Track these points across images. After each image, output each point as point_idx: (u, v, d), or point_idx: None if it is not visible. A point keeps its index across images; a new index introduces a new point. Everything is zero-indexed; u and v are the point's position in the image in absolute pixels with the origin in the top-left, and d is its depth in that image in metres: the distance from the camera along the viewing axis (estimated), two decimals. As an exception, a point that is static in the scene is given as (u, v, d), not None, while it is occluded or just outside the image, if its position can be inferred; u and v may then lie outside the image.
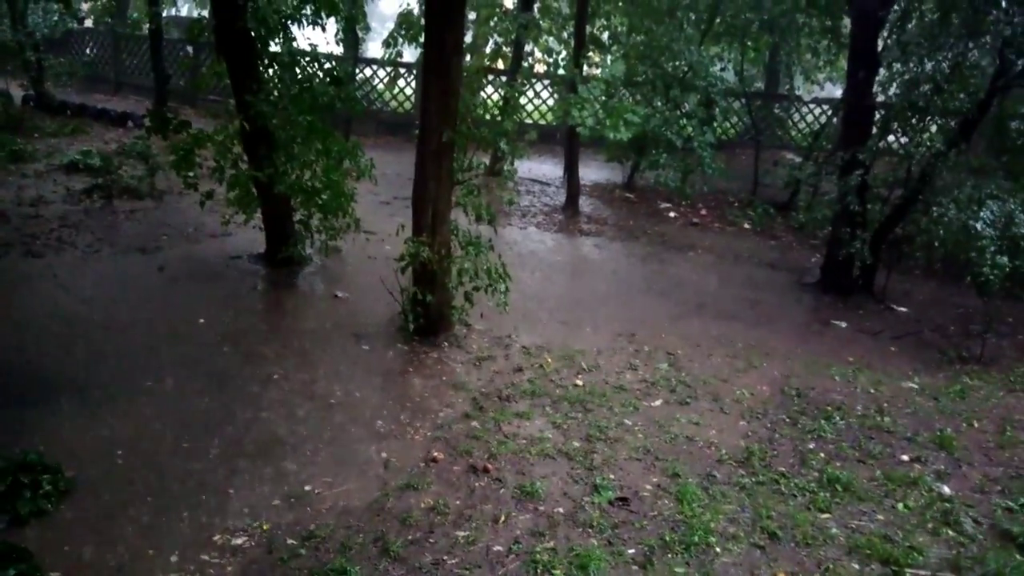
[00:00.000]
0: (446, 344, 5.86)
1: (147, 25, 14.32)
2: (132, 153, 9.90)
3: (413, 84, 16.67)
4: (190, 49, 15.45)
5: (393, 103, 17.10)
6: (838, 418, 5.11)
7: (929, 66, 7.71)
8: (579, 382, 5.43)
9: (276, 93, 7.00)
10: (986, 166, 7.68)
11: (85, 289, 6.39)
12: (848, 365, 6.28)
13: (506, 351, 5.90)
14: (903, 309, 8.01)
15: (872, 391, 5.68)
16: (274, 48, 7.15)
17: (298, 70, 7.25)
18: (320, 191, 7.01)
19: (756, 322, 7.24)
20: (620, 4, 12.73)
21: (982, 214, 6.01)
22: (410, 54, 14.03)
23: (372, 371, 5.37)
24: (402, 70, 16.62)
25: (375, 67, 16.74)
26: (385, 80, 16.85)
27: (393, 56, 11.88)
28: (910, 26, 8.76)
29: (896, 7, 8.91)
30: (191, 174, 7.07)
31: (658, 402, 5.22)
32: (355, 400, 4.86)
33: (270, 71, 7.11)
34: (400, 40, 11.49)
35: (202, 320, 5.91)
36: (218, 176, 6.97)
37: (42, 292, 6.23)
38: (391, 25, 12.29)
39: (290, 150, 6.94)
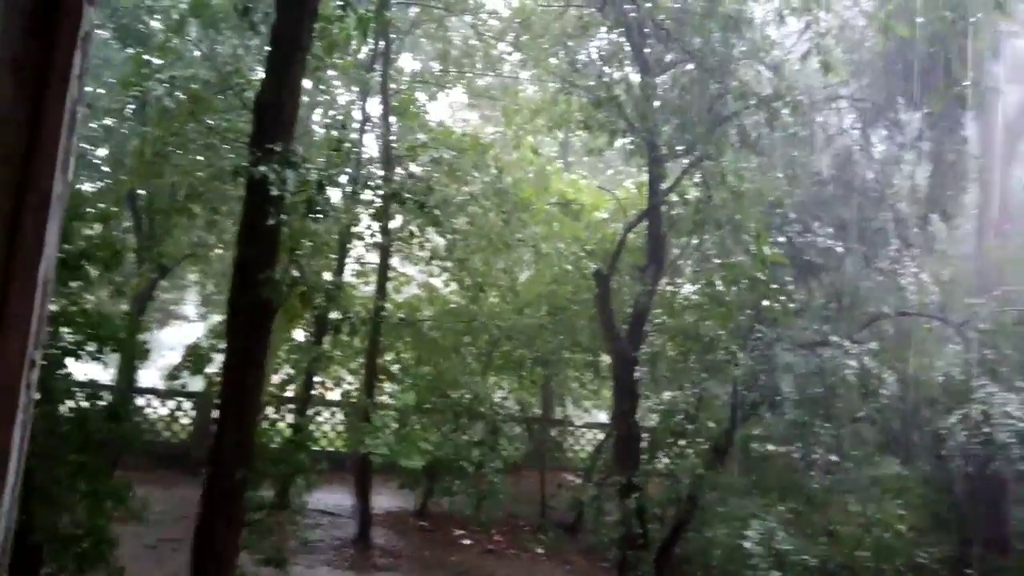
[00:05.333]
0: None
1: None
2: None
3: (192, 414, 15.92)
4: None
5: (167, 433, 16.02)
6: None
7: (679, 397, 8.94)
8: None
9: (45, 432, 6.39)
10: (740, 486, 8.66)
11: None
12: None
13: None
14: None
15: None
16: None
17: (72, 404, 6.75)
18: (81, 538, 6.16)
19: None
20: (408, 340, 13.65)
21: (748, 533, 6.66)
22: (193, 383, 13.65)
23: None
24: (181, 399, 15.91)
25: (149, 396, 15.91)
26: (163, 412, 15.95)
27: (177, 387, 11.50)
28: (659, 363, 10.25)
29: (645, 346, 10.46)
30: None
31: None
32: None
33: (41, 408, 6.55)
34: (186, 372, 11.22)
35: None
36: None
37: None
38: (169, 352, 12.04)
39: (49, 492, 6.17)
